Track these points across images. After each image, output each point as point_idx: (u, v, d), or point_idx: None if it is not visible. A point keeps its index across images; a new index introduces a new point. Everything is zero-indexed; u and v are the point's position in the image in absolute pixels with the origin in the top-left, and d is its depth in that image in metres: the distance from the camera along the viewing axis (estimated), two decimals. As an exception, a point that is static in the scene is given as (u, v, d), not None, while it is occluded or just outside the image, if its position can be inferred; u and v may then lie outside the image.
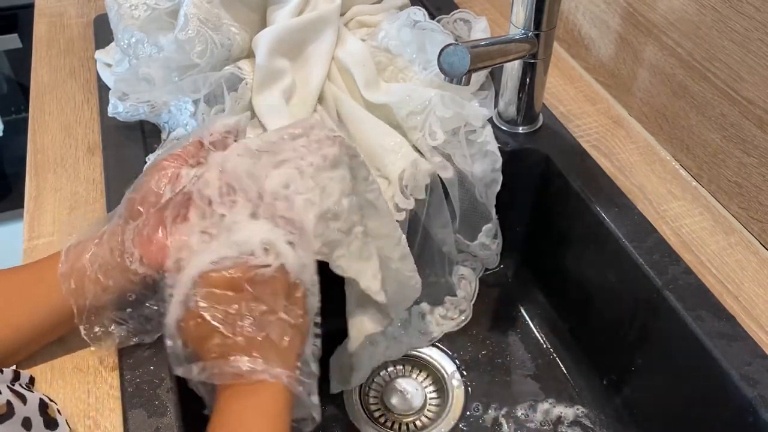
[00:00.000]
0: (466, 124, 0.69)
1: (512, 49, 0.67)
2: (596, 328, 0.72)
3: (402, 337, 0.76)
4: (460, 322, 0.79)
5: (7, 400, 0.44)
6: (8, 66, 1.52)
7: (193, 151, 0.53)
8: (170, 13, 0.70)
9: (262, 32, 0.70)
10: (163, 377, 0.52)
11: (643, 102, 0.76)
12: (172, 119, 0.72)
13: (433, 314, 0.79)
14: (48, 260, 0.51)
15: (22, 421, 0.44)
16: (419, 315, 0.78)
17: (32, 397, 0.46)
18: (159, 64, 0.69)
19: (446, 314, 0.79)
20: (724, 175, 0.67)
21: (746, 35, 0.60)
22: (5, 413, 0.43)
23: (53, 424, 0.47)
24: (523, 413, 0.72)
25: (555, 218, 0.76)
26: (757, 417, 0.52)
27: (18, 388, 0.46)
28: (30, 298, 0.51)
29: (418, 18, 0.73)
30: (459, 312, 0.79)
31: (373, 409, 0.74)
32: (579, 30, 0.84)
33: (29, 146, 0.74)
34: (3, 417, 0.43)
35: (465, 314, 0.79)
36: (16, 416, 0.43)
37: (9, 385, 0.46)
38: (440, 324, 0.79)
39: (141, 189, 0.51)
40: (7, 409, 0.43)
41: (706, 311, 0.58)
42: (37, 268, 0.52)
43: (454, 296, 0.79)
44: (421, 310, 0.78)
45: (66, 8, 0.96)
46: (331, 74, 0.73)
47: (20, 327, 0.51)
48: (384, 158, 0.68)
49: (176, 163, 0.52)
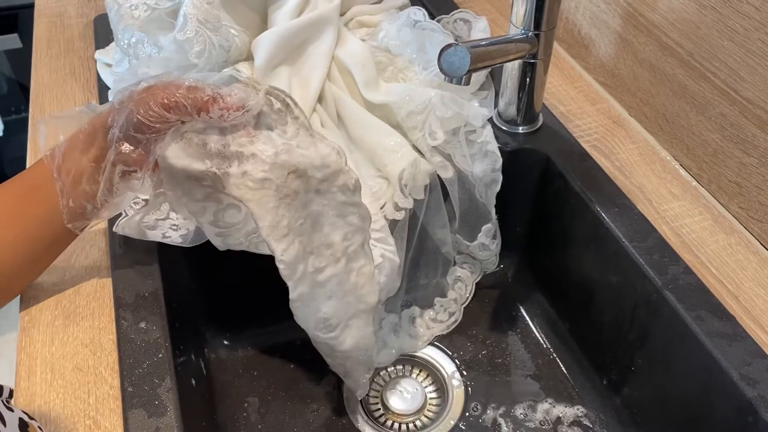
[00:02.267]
0: (466, 124, 0.69)
1: (512, 49, 0.67)
2: (596, 328, 0.72)
3: (393, 342, 0.76)
4: (450, 324, 0.79)
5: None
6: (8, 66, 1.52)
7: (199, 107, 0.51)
8: (170, 13, 0.70)
9: (262, 35, 0.70)
10: (163, 377, 0.52)
11: (643, 102, 0.76)
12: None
13: (423, 317, 0.79)
14: (41, 171, 0.54)
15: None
16: (409, 319, 0.78)
17: (11, 417, 0.45)
18: (158, 65, 0.69)
19: (436, 317, 0.79)
20: (724, 175, 0.67)
21: (746, 35, 0.60)
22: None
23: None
24: (523, 413, 0.72)
25: (555, 218, 0.76)
26: (757, 417, 0.52)
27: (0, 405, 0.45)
28: (34, 218, 0.53)
29: (418, 18, 0.73)
30: (449, 315, 0.79)
31: (373, 409, 0.74)
32: (579, 30, 0.84)
33: (29, 146, 0.74)
34: None
35: (455, 317, 0.79)
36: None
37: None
38: (430, 327, 0.79)
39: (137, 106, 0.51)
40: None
41: (706, 311, 0.58)
42: (33, 182, 0.55)
43: (444, 297, 0.79)
44: (412, 314, 0.78)
45: (66, 8, 0.96)
46: (331, 74, 0.73)
47: (24, 244, 0.54)
48: (384, 158, 0.68)
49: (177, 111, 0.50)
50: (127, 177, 0.52)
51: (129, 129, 0.50)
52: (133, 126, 0.50)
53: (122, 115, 0.50)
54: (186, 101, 0.48)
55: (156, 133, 0.50)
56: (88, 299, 0.59)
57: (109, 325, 0.57)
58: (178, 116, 0.49)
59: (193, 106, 0.49)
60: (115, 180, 0.51)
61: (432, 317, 0.79)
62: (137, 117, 0.49)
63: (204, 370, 0.72)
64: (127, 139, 0.50)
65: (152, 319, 0.57)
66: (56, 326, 0.57)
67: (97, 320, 0.58)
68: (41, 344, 0.56)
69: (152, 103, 0.49)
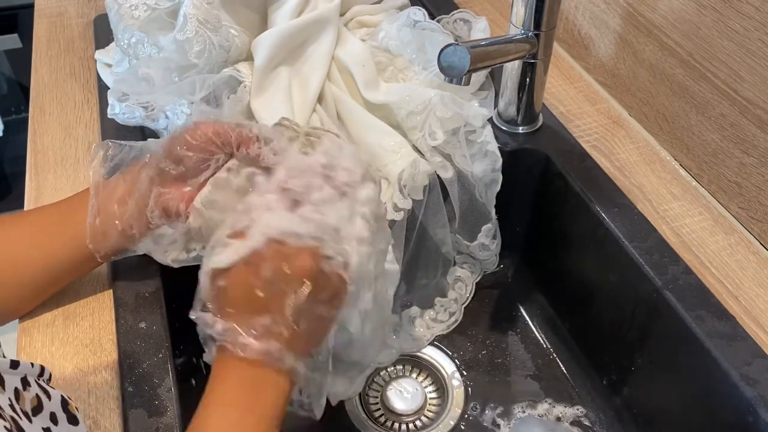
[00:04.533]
0: (466, 124, 0.69)
1: (512, 49, 0.67)
2: (596, 328, 0.72)
3: (393, 343, 0.76)
4: (450, 324, 0.79)
5: (36, 393, 0.44)
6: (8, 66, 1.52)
7: (232, 141, 0.51)
8: (170, 13, 0.70)
9: (261, 35, 0.70)
10: (163, 377, 0.52)
11: (643, 102, 0.76)
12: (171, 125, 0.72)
13: (423, 317, 0.79)
14: (78, 199, 0.54)
15: (50, 415, 0.44)
16: (409, 319, 0.78)
17: (54, 393, 0.47)
18: (158, 65, 0.69)
19: (436, 317, 0.79)
20: (724, 175, 0.67)
21: (746, 35, 0.60)
22: (36, 406, 0.43)
23: (74, 420, 0.47)
24: (523, 413, 0.72)
25: (555, 218, 0.76)
26: (757, 417, 0.52)
27: (42, 383, 0.47)
28: (55, 240, 0.54)
29: (418, 18, 0.73)
30: (449, 314, 0.79)
31: (373, 409, 0.74)
32: (579, 30, 0.84)
33: (29, 146, 0.74)
34: (35, 410, 0.43)
35: (455, 316, 0.79)
36: (45, 410, 0.44)
37: (36, 380, 0.46)
38: (431, 327, 0.79)
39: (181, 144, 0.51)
40: (37, 401, 0.44)
41: (706, 311, 0.58)
42: (65, 209, 0.55)
43: (444, 297, 0.79)
44: (412, 314, 0.78)
45: (66, 8, 0.96)
46: (331, 74, 0.73)
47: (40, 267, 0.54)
48: (384, 158, 0.68)
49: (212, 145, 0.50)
50: (162, 200, 0.51)
51: (175, 148, 0.50)
52: (179, 144, 0.50)
53: (167, 141, 0.51)
54: (232, 132, 0.49)
55: (198, 158, 0.50)
56: (88, 299, 0.59)
57: (109, 325, 0.57)
58: (221, 144, 0.49)
59: (237, 139, 0.49)
60: (150, 202, 0.51)
61: (432, 317, 0.79)
62: (185, 137, 0.50)
63: (204, 370, 0.72)
64: (169, 157, 0.51)
65: (152, 319, 0.57)
66: (56, 326, 0.57)
67: (97, 320, 0.58)
68: (41, 344, 0.56)
69: (203, 128, 0.50)
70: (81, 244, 0.53)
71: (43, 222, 0.55)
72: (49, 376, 0.49)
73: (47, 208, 0.58)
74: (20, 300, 0.56)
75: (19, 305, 0.56)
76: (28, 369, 0.45)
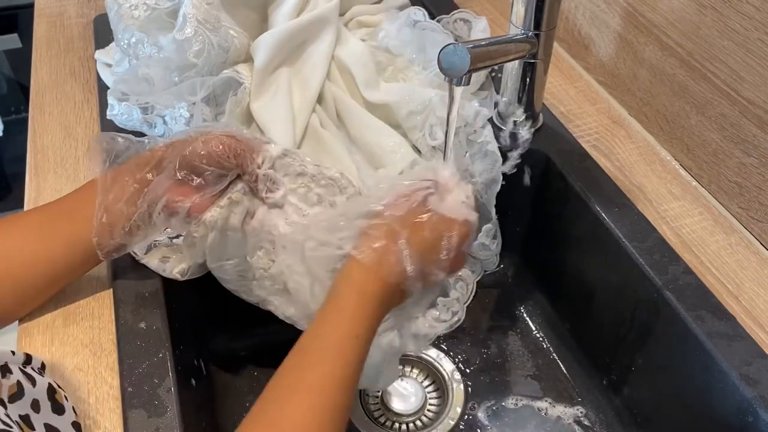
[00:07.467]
0: (466, 124, 0.69)
1: (512, 49, 0.67)
2: (596, 328, 0.72)
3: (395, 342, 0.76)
4: (453, 323, 0.79)
5: (17, 380, 0.44)
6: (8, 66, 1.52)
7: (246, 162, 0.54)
8: (170, 13, 0.70)
9: (261, 37, 0.70)
10: (163, 377, 0.52)
11: (643, 102, 0.76)
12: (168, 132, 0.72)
13: (426, 317, 0.79)
14: (80, 196, 0.55)
15: (32, 402, 0.45)
16: (412, 319, 0.78)
17: (41, 381, 0.47)
18: (158, 65, 0.69)
19: (438, 316, 0.79)
20: (724, 175, 0.67)
21: (746, 35, 0.60)
22: (15, 393, 0.44)
23: (60, 409, 0.47)
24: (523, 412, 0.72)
25: (555, 218, 0.76)
26: (757, 417, 0.52)
27: (29, 371, 0.47)
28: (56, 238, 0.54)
29: (418, 18, 0.73)
30: (451, 314, 0.79)
31: (373, 410, 0.74)
32: (579, 30, 0.84)
33: (29, 146, 0.74)
34: (13, 397, 0.43)
35: (457, 316, 0.79)
36: (26, 397, 0.44)
37: (20, 367, 0.47)
38: (433, 327, 0.78)
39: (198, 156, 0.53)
40: (17, 389, 0.44)
41: (706, 311, 0.58)
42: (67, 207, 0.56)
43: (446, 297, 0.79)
44: None
45: (66, 8, 0.96)
46: (331, 74, 0.73)
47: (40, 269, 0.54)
48: (383, 158, 0.68)
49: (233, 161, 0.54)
50: (170, 207, 0.54)
51: (193, 159, 0.52)
52: (197, 158, 0.52)
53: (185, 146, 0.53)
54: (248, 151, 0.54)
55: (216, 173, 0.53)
56: (88, 299, 0.59)
57: (109, 325, 0.57)
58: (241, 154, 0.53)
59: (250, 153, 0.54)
60: (158, 208, 0.53)
61: (435, 316, 0.79)
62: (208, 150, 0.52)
63: (204, 370, 0.72)
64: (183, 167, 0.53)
65: (152, 320, 0.57)
66: (56, 326, 0.57)
67: (97, 320, 0.58)
68: (41, 344, 0.56)
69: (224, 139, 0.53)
70: (83, 240, 0.53)
71: (43, 221, 0.55)
72: (41, 364, 0.49)
73: (48, 206, 0.58)
74: (19, 303, 0.56)
75: (18, 308, 0.56)
76: (8, 357, 0.45)
